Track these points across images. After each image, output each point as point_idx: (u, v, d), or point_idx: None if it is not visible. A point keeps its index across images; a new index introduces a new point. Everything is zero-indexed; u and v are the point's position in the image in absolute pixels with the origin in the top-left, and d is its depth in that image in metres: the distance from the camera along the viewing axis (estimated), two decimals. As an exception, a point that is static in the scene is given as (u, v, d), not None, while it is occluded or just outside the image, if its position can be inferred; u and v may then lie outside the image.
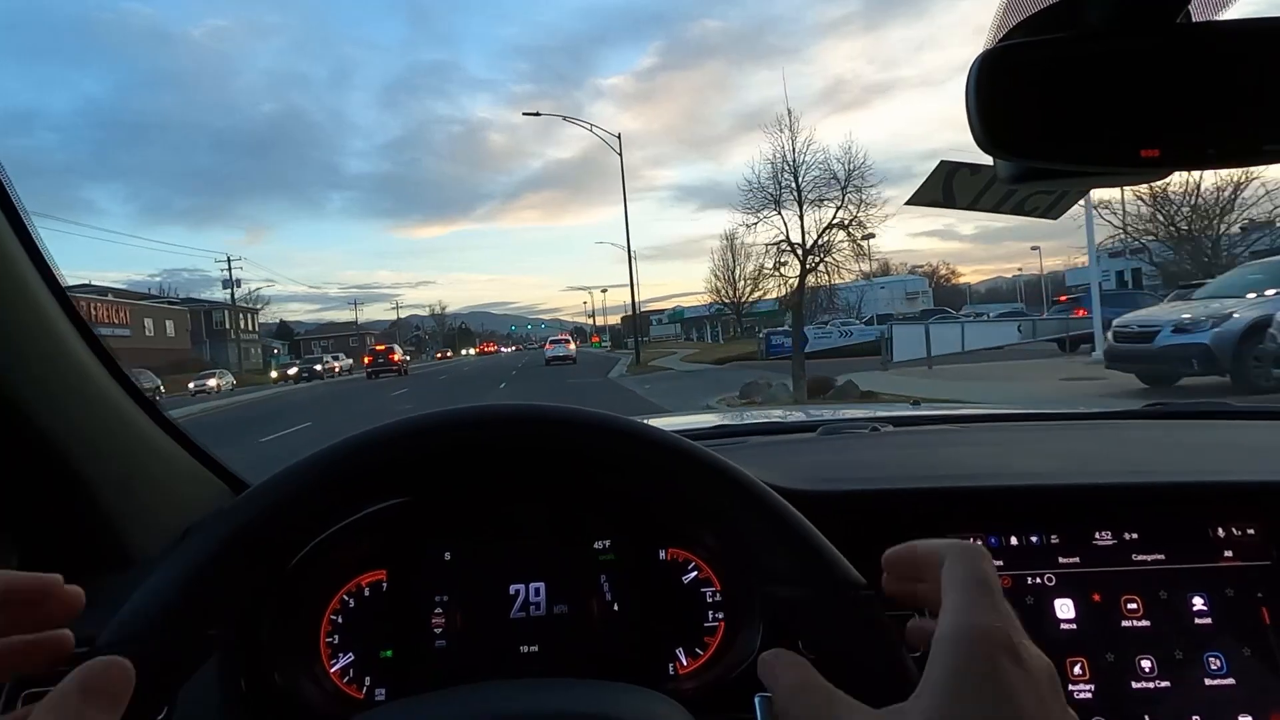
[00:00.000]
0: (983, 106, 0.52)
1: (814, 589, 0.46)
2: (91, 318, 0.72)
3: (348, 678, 0.78)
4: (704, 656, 0.80)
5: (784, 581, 0.47)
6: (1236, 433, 1.18)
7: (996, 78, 0.52)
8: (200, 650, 0.47)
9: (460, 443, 0.55)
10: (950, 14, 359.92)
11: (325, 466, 0.52)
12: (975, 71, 0.52)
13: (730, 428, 1.52)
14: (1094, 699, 0.72)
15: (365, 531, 0.80)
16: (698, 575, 0.82)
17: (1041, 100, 0.52)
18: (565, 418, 0.56)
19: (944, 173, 0.82)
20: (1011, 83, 0.52)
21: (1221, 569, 0.76)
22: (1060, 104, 0.52)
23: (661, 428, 0.57)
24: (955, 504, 0.80)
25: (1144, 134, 0.52)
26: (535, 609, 0.81)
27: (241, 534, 0.48)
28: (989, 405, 1.71)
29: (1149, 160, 0.52)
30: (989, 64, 0.53)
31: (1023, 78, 0.53)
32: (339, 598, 0.80)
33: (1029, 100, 0.52)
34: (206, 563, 0.47)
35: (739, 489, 0.51)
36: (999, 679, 0.36)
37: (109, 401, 0.81)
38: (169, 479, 0.91)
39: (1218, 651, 0.73)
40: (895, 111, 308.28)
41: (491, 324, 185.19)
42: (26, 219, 0.70)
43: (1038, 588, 0.76)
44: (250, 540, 0.48)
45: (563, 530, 0.83)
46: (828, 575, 0.47)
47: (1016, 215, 0.86)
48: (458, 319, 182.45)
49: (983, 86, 0.52)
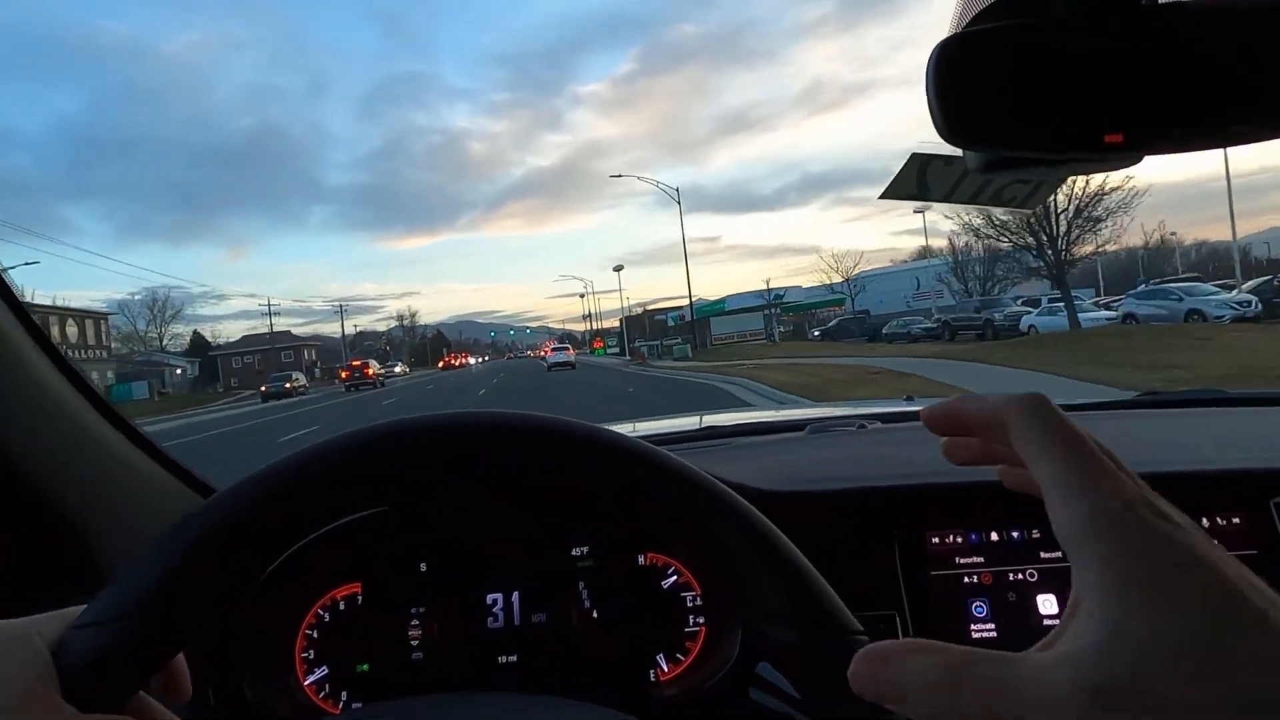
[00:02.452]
0: (942, 95, 0.51)
1: (804, 632, 0.44)
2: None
3: (323, 692, 0.77)
4: (685, 662, 0.78)
5: (773, 620, 0.45)
6: (1229, 420, 1.17)
7: (955, 66, 0.51)
8: (181, 633, 0.46)
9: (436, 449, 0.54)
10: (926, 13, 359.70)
11: (298, 470, 0.50)
12: (934, 60, 0.51)
13: (718, 428, 1.51)
14: None
15: (339, 544, 0.78)
16: (678, 580, 0.81)
17: (1001, 87, 0.51)
18: (545, 427, 0.54)
19: (917, 164, 0.81)
20: (970, 70, 0.51)
21: None
22: (1020, 90, 0.51)
23: (648, 433, 0.56)
24: (935, 501, 0.79)
25: (1107, 118, 0.51)
26: (513, 619, 0.79)
27: (205, 540, 0.46)
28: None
29: (1113, 145, 0.51)
30: (947, 52, 0.51)
31: (981, 65, 0.52)
32: (314, 611, 0.79)
33: (989, 87, 0.51)
34: (185, 557, 0.45)
35: (737, 520, 0.48)
36: (1167, 545, 0.29)
37: (71, 412, 0.80)
38: (137, 489, 0.90)
39: None
40: (874, 111, 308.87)
41: (476, 332, 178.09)
42: None
43: (1019, 584, 0.75)
44: (214, 548, 0.46)
45: (540, 537, 0.82)
46: (821, 618, 0.44)
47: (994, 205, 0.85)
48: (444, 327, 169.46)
49: (941, 75, 0.51)
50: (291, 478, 0.49)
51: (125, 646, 0.43)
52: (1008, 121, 0.51)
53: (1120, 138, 0.51)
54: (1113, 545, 0.29)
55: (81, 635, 0.43)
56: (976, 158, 0.59)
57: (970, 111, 0.52)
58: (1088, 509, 0.30)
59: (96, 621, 0.43)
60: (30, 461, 0.73)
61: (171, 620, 0.45)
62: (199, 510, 0.48)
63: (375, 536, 0.80)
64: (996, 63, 0.51)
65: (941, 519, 0.77)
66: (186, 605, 0.46)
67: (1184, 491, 0.76)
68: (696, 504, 0.49)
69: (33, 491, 0.74)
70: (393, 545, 0.81)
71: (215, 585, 0.47)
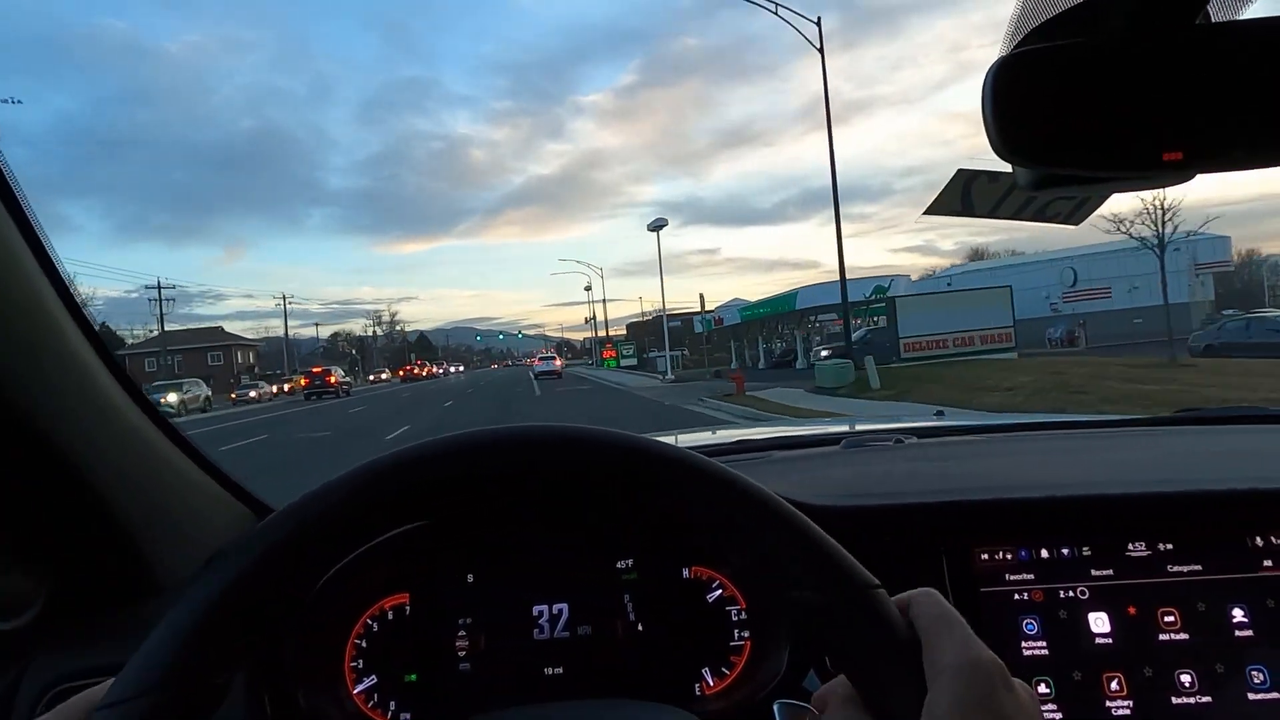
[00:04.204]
0: (999, 113, 0.52)
1: (822, 590, 0.45)
2: None
3: (372, 701, 0.78)
4: (730, 676, 0.79)
5: (798, 586, 0.46)
6: (1271, 437, 1.16)
7: (1013, 84, 0.52)
8: (216, 696, 0.45)
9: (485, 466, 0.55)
10: (925, 33, 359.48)
11: (347, 494, 0.51)
12: (991, 78, 0.52)
13: (751, 442, 1.51)
14: (1133, 715, 0.70)
15: (388, 555, 0.80)
16: (722, 594, 0.81)
17: (1059, 105, 0.51)
18: (586, 438, 0.55)
19: (962, 180, 0.81)
20: (1028, 88, 0.51)
21: (1261, 579, 0.74)
22: (1078, 108, 0.51)
23: (678, 445, 0.56)
24: (983, 517, 0.79)
25: (1166, 136, 0.51)
26: (559, 630, 0.80)
27: (256, 571, 0.47)
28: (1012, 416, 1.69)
29: (1172, 163, 0.51)
30: (1005, 70, 0.52)
31: (1039, 83, 0.52)
32: (363, 621, 0.80)
33: (1046, 105, 0.52)
34: (218, 607, 0.45)
35: (746, 498, 0.50)
36: (999, 707, 0.38)
37: (133, 427, 0.82)
38: (194, 504, 0.92)
39: (1260, 664, 0.71)
40: (874, 129, 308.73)
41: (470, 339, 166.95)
42: (51, 250, 0.71)
43: (1070, 601, 0.74)
44: (266, 576, 0.47)
45: (585, 550, 0.82)
46: (837, 576, 0.46)
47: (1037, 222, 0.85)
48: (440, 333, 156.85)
49: (999, 93, 0.52)
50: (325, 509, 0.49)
51: None
52: (1066, 139, 0.51)
53: (1180, 156, 0.51)
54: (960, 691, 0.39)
55: (107, 717, 0.42)
56: (1028, 174, 0.59)
57: (1028, 129, 0.52)
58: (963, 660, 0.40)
59: (122, 700, 0.42)
60: (96, 476, 0.75)
61: (199, 687, 0.44)
62: (228, 554, 0.48)
63: (423, 547, 0.82)
64: (1056, 81, 0.51)
65: (990, 535, 0.77)
66: (213, 669, 0.45)
67: (1233, 511, 0.76)
68: (725, 497, 0.50)
69: (97, 505, 0.76)
70: (440, 556, 0.82)
71: (246, 639, 0.46)
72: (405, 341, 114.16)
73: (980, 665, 0.40)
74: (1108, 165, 0.52)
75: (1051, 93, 0.51)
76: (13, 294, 0.66)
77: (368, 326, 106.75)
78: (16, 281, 0.66)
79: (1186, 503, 0.77)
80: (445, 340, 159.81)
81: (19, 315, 0.67)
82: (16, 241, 0.67)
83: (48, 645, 0.76)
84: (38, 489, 0.73)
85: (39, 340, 0.69)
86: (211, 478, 0.95)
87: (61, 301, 0.72)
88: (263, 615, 0.47)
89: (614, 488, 0.52)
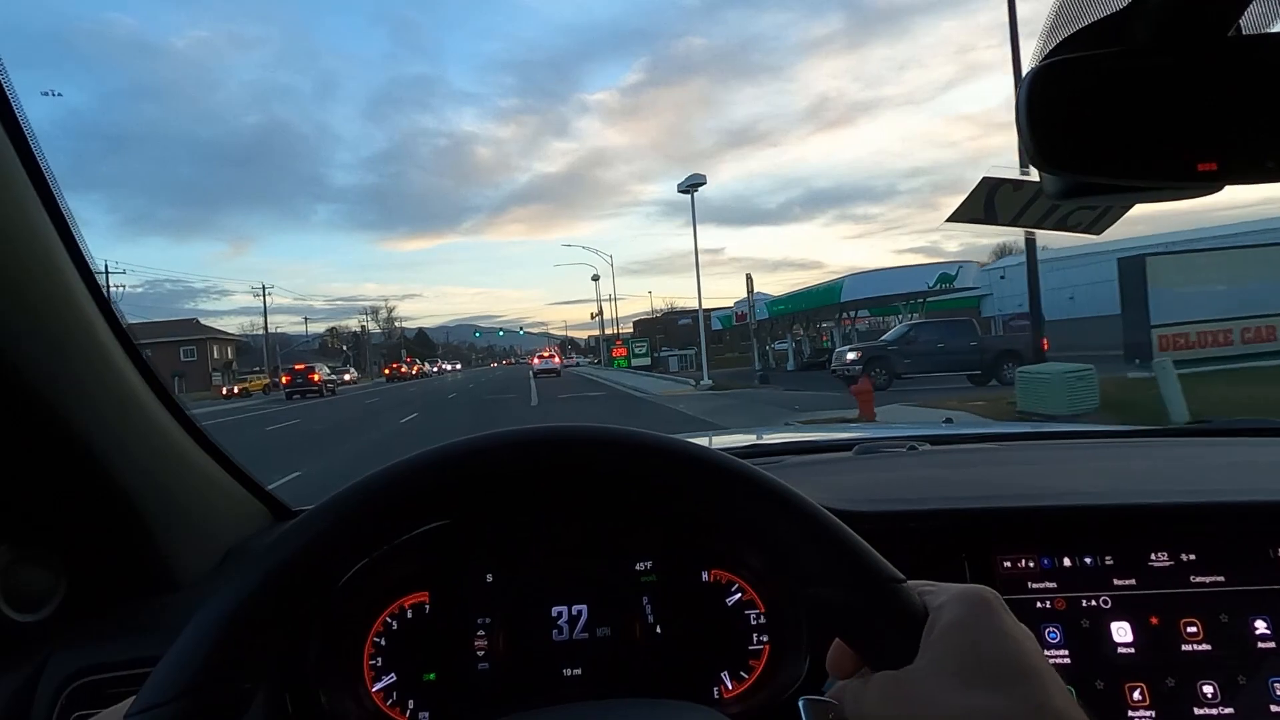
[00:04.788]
0: (1035, 121, 0.52)
1: (849, 586, 0.45)
2: None
3: (390, 700, 0.78)
4: (749, 680, 0.79)
5: (819, 582, 0.46)
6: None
7: (1049, 91, 0.52)
8: (243, 701, 0.45)
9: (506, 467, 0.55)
10: (931, 34, 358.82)
11: (367, 495, 0.51)
12: (1027, 86, 0.52)
13: (764, 446, 1.51)
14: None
15: (408, 553, 0.80)
16: (741, 597, 0.81)
17: (1096, 115, 0.52)
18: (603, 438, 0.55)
19: (986, 189, 0.81)
20: (1065, 96, 0.52)
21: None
22: (1115, 118, 0.52)
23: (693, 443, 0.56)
24: (1006, 525, 0.79)
25: (1201, 147, 0.51)
26: (578, 631, 0.80)
27: (283, 574, 0.47)
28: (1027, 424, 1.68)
29: (1205, 175, 0.51)
30: (1041, 77, 0.52)
31: (1076, 92, 0.52)
32: (382, 620, 0.80)
33: (1083, 115, 0.52)
34: (244, 611, 0.45)
35: (767, 493, 0.50)
36: (994, 627, 0.40)
37: (155, 422, 0.83)
38: (213, 502, 0.93)
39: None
40: (879, 130, 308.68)
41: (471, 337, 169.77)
42: (82, 244, 0.72)
43: (1093, 610, 0.74)
44: (293, 578, 0.47)
45: (604, 552, 0.82)
46: (861, 570, 0.46)
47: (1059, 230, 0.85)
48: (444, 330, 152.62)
49: (1035, 101, 0.52)
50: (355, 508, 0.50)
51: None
52: (1103, 148, 0.51)
53: (1214, 166, 0.51)
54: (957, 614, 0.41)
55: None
56: (1056, 183, 0.59)
57: (1065, 137, 0.52)
58: (957, 590, 0.43)
59: (155, 705, 0.42)
60: (118, 471, 0.75)
61: (231, 690, 0.44)
62: (254, 557, 0.47)
63: (443, 547, 0.82)
64: (1092, 91, 0.51)
65: (1012, 543, 0.77)
66: (245, 671, 0.45)
67: (1257, 522, 0.76)
68: (746, 492, 0.50)
69: (118, 501, 0.76)
70: (460, 556, 0.82)
71: (269, 643, 0.46)
72: (403, 338, 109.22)
73: (976, 591, 0.42)
74: (1143, 175, 0.52)
75: (1089, 101, 0.51)
76: (47, 292, 0.67)
77: (361, 321, 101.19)
78: (51, 280, 0.67)
79: (1210, 513, 0.77)
80: (446, 337, 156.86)
81: (52, 314, 0.67)
82: (52, 240, 0.67)
83: (67, 639, 0.76)
84: (60, 483, 0.73)
85: (69, 338, 0.69)
86: (232, 476, 0.96)
87: (93, 300, 0.73)
88: (291, 616, 0.47)
89: (636, 485, 0.53)
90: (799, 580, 0.47)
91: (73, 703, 0.72)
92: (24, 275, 0.63)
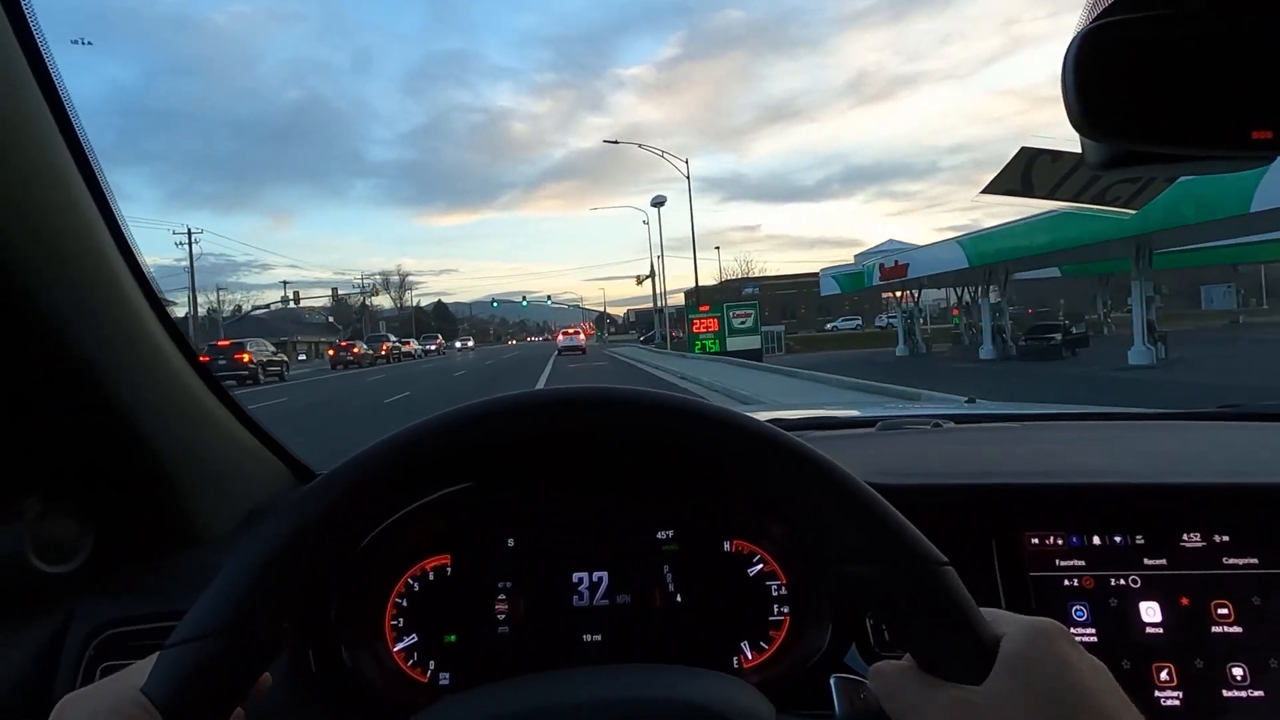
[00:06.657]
0: (1080, 87, 0.50)
1: (890, 565, 0.45)
2: None
3: (411, 660, 0.79)
4: (769, 651, 0.79)
5: (858, 559, 0.46)
6: None
7: (1097, 56, 0.50)
8: (275, 644, 0.46)
9: (535, 427, 0.54)
10: (976, 6, 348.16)
11: (394, 453, 0.51)
12: (1074, 51, 0.50)
13: (786, 421, 1.51)
14: (1183, 706, 0.70)
15: (431, 515, 0.80)
16: (763, 568, 0.81)
17: (1145, 80, 0.50)
18: (632, 400, 0.54)
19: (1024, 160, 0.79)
20: (1113, 61, 0.50)
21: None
22: (1165, 84, 0.50)
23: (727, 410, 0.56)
24: (1034, 501, 0.78)
25: (1256, 113, 0.49)
26: (598, 598, 0.81)
27: (312, 527, 0.48)
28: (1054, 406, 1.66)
29: (1259, 143, 0.49)
30: (1088, 42, 0.50)
31: (1124, 57, 0.50)
32: (404, 580, 0.81)
33: (1131, 80, 0.50)
34: (279, 557, 0.47)
35: (809, 465, 0.50)
36: (1064, 660, 0.40)
37: (183, 383, 0.84)
38: (238, 462, 0.94)
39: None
40: (921, 105, 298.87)
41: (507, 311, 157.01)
42: (116, 208, 0.72)
43: (1122, 589, 0.73)
44: (320, 532, 0.48)
45: (626, 519, 0.83)
46: (904, 550, 0.45)
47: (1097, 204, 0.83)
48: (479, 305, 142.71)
49: (1081, 66, 0.50)
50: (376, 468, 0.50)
51: (215, 663, 0.44)
52: (1153, 115, 0.50)
53: (1269, 134, 0.49)
54: (1025, 648, 0.41)
55: (171, 656, 0.43)
56: (1099, 152, 0.57)
57: (1110, 104, 0.50)
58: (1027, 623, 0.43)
59: (186, 639, 0.44)
60: (147, 431, 0.77)
61: (260, 633, 0.45)
62: (285, 509, 0.49)
63: (465, 511, 0.82)
64: (1141, 55, 0.50)
65: (1041, 520, 0.76)
66: (274, 616, 0.46)
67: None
68: (788, 462, 0.50)
69: (147, 458, 0.78)
70: (482, 520, 0.83)
71: (301, 590, 0.47)
72: (418, 311, 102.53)
73: (1046, 626, 0.42)
74: (1194, 143, 0.51)
75: (1139, 66, 0.49)
76: (82, 255, 0.67)
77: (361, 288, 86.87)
78: (85, 244, 0.68)
79: (1244, 495, 0.76)
80: (468, 312, 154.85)
81: (87, 278, 0.68)
82: (90, 210, 0.68)
83: (94, 591, 0.78)
84: (91, 439, 0.75)
85: (103, 301, 0.70)
86: (256, 438, 0.97)
87: (126, 264, 0.74)
88: (320, 567, 0.48)
89: (672, 451, 0.52)
90: (833, 556, 0.47)
91: (100, 654, 0.74)
92: (59, 239, 0.64)
